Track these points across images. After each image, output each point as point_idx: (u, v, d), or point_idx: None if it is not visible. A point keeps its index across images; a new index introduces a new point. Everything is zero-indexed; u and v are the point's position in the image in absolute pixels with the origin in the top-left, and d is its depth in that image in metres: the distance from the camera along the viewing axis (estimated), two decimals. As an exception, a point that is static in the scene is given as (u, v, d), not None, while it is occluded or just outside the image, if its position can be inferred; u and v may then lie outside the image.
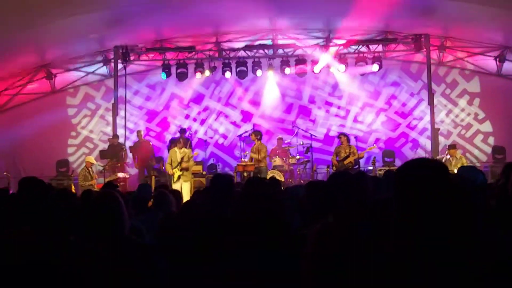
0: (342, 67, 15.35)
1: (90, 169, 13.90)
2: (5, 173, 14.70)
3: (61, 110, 16.94)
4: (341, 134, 14.07)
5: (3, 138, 15.75)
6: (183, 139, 13.43)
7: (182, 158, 12.70)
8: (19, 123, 16.11)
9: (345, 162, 13.38)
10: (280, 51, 15.96)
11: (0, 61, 14.62)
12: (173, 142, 14.35)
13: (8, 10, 11.40)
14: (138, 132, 15.49)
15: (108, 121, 16.59)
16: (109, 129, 16.28)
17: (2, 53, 14.06)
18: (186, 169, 12.79)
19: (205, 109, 17.30)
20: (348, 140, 13.74)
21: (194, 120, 17.25)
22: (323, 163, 15.59)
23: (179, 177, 12.68)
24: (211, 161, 16.59)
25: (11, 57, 14.58)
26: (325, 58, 15.46)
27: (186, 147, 13.22)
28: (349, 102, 17.01)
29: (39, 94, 16.68)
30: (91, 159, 14.24)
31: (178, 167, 12.70)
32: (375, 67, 15.26)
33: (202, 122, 17.26)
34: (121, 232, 3.29)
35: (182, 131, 15.09)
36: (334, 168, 13.60)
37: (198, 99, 17.29)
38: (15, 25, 12.37)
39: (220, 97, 17.35)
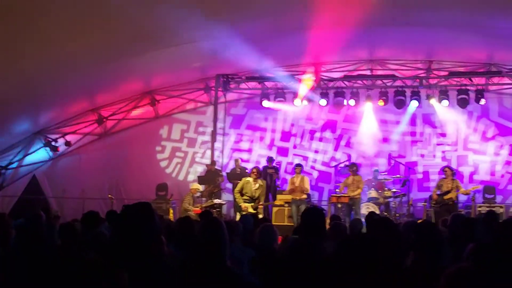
0: (445, 101, 15.03)
1: (194, 195, 14.23)
2: (109, 196, 15.26)
3: (163, 135, 17.49)
4: (446, 167, 13.57)
5: (109, 161, 16.57)
6: (257, 169, 13.13)
7: (259, 197, 12.63)
8: (124, 146, 16.83)
9: (445, 197, 12.85)
10: (379, 82, 15.84)
11: (110, 87, 15.47)
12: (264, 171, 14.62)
13: (124, 39, 11.96)
14: (236, 161, 15.73)
15: (207, 147, 16.81)
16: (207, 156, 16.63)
17: (113, 79, 14.86)
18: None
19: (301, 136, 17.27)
20: (453, 174, 13.25)
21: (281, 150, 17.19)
22: (420, 198, 15.20)
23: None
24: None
25: (121, 83, 15.33)
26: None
27: (261, 178, 13.06)
28: (451, 137, 16.40)
29: (143, 119, 17.31)
30: (198, 186, 14.52)
31: (253, 204, 12.56)
32: (482, 101, 14.87)
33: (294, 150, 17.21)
34: (223, 263, 3.31)
35: (270, 159, 15.20)
36: (433, 202, 13.16)
37: (291, 129, 17.28)
38: (127, 52, 12.90)
39: (314, 127, 17.19)
